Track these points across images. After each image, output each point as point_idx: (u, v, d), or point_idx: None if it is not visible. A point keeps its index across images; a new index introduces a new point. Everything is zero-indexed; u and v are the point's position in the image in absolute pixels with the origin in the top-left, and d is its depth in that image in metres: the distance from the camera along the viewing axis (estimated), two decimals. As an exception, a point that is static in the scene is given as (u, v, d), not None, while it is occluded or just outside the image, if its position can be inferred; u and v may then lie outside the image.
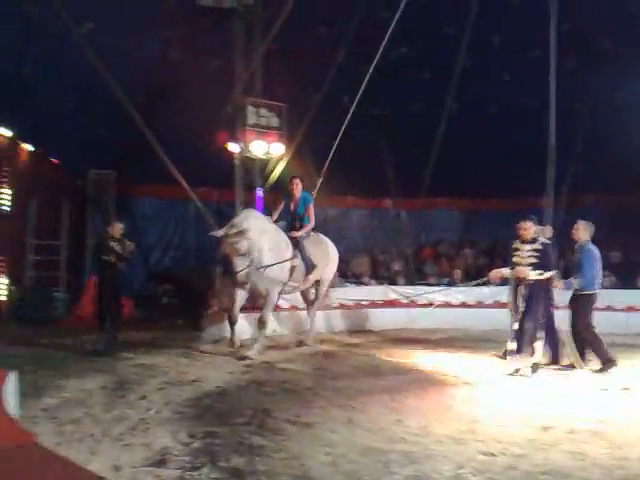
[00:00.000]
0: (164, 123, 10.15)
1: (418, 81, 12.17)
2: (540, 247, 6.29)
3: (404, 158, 12.41)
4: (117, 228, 7.79)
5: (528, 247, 6.31)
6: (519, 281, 6.35)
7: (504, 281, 7.28)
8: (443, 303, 10.17)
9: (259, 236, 7.19)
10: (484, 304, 9.92)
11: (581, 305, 6.66)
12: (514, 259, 6.42)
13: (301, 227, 8.05)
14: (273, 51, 10.04)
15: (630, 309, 9.69)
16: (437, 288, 10.30)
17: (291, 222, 8.05)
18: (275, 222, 7.86)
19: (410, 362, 7.25)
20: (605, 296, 9.75)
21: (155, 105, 10.70)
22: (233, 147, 9.95)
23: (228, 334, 7.72)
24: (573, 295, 6.70)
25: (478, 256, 12.89)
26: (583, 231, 6.82)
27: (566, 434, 4.38)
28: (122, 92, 8.93)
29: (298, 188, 7.98)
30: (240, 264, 6.97)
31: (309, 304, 8.77)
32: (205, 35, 10.77)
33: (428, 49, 11.49)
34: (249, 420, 4.68)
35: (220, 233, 7.00)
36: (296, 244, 7.80)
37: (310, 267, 7.93)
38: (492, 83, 11.81)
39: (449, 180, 12.83)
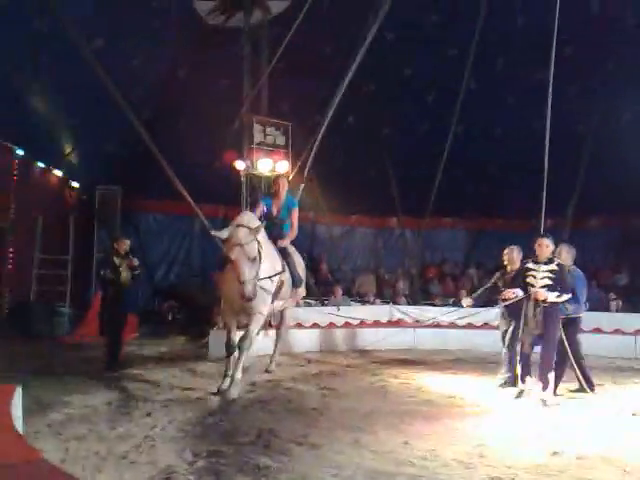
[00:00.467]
0: (171, 139, 10.22)
1: (424, 101, 12.30)
2: (557, 268, 6.04)
3: (409, 177, 12.48)
4: (123, 244, 7.76)
5: (544, 268, 6.05)
6: (536, 303, 6.06)
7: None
8: (448, 324, 10.12)
9: (264, 241, 6.17)
10: (490, 325, 9.85)
11: (572, 329, 6.51)
12: (527, 279, 6.12)
13: (280, 234, 6.96)
14: (280, 69, 10.14)
15: (639, 332, 9.59)
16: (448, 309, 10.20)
17: (269, 228, 6.69)
18: None
19: (416, 383, 7.19)
20: (613, 320, 9.82)
21: (162, 122, 10.79)
22: (239, 165, 10.02)
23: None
24: (563, 320, 6.39)
25: (483, 276, 12.85)
26: (566, 255, 6.63)
27: (575, 460, 4.32)
28: (130, 108, 9.00)
29: (284, 189, 7.00)
30: (248, 272, 5.65)
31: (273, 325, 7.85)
32: (213, 53, 10.92)
33: (434, 70, 11.61)
34: (254, 440, 4.65)
35: (225, 234, 5.77)
36: (284, 255, 6.83)
37: (298, 281, 7.04)
38: (498, 105, 11.91)
39: (454, 200, 12.87)
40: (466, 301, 7.53)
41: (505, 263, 6.99)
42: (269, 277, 6.19)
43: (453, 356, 9.44)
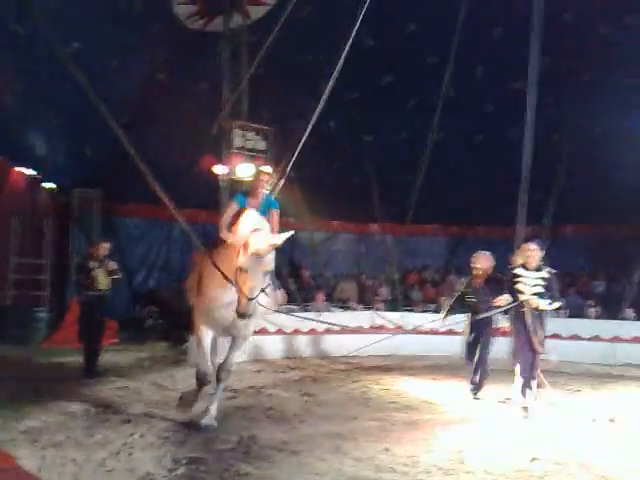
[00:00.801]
0: (151, 143, 10.14)
1: (405, 109, 12.40)
2: (547, 275, 5.94)
3: (391, 184, 12.54)
4: (100, 248, 7.63)
5: (535, 275, 5.93)
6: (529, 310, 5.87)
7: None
8: (429, 330, 10.14)
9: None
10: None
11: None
12: (517, 286, 5.94)
13: None
14: (260, 75, 10.14)
15: (615, 339, 9.73)
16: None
17: None
18: None
19: (397, 389, 7.22)
20: (590, 326, 9.96)
21: (142, 125, 10.71)
22: (219, 169, 9.96)
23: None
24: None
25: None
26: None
27: (554, 465, 4.38)
28: (109, 111, 8.90)
29: (264, 187, 5.70)
30: (259, 288, 4.65)
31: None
32: (193, 58, 10.89)
33: (415, 78, 11.71)
34: (235, 446, 4.63)
35: (241, 239, 4.66)
36: None
37: (277, 286, 6.06)
38: (477, 113, 12.07)
39: (435, 207, 12.96)
40: (443, 322, 7.37)
41: (474, 266, 6.90)
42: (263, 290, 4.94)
43: (433, 362, 9.48)
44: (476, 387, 6.73)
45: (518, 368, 5.96)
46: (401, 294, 12.39)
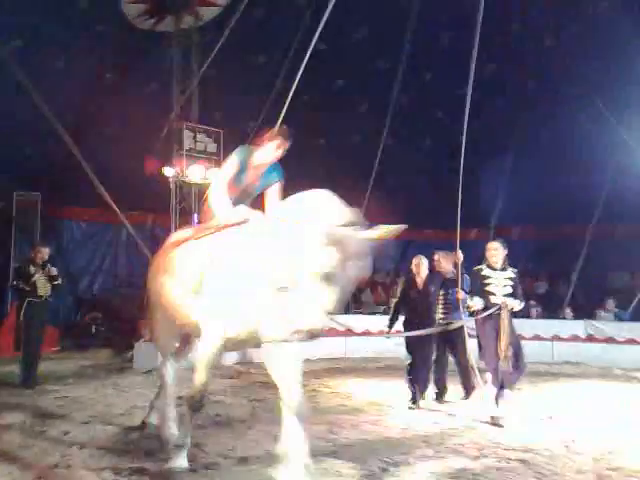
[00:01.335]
0: (97, 145, 9.91)
1: (356, 113, 12.51)
2: (514, 275, 5.87)
3: (342, 187, 12.59)
4: (40, 253, 7.39)
5: (503, 275, 5.82)
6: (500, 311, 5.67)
7: None
8: (378, 332, 10.22)
9: None
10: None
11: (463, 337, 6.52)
12: (488, 288, 5.77)
13: None
14: (211, 77, 10.03)
15: (555, 338, 10.06)
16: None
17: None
18: None
19: (346, 392, 7.24)
20: (533, 326, 10.27)
21: (87, 126, 10.44)
22: (168, 171, 9.81)
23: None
24: (456, 328, 6.43)
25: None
26: (445, 262, 6.83)
27: (496, 463, 4.46)
28: (50, 112, 8.61)
29: (278, 149, 4.36)
30: None
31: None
32: (142, 58, 10.69)
33: (366, 83, 11.84)
34: (179, 455, 4.50)
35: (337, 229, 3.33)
36: None
37: None
38: (427, 118, 12.30)
39: (385, 211, 13.08)
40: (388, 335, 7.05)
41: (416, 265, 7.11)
42: None
43: (384, 364, 9.55)
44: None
45: (489, 376, 5.70)
46: (351, 296, 12.47)
